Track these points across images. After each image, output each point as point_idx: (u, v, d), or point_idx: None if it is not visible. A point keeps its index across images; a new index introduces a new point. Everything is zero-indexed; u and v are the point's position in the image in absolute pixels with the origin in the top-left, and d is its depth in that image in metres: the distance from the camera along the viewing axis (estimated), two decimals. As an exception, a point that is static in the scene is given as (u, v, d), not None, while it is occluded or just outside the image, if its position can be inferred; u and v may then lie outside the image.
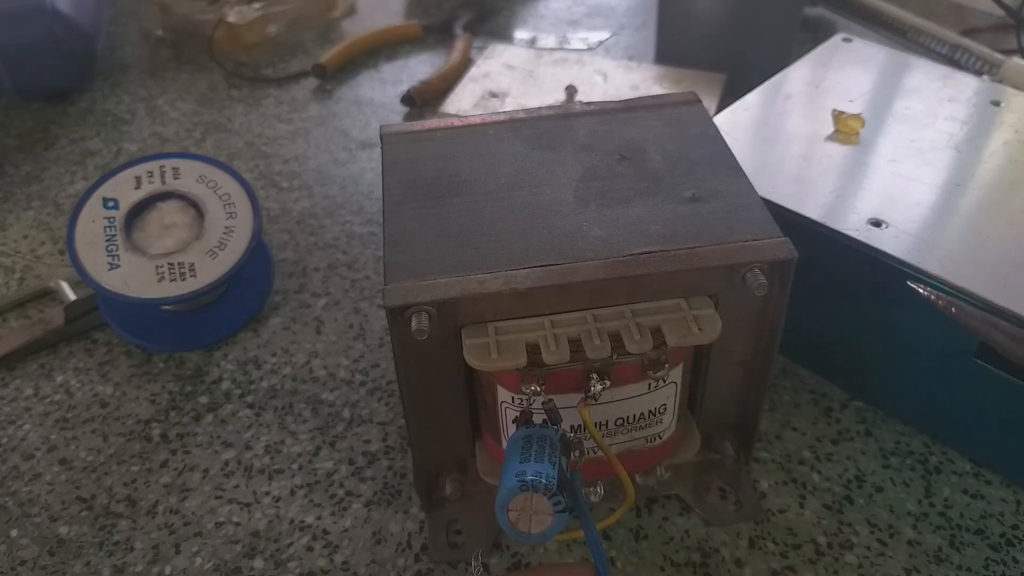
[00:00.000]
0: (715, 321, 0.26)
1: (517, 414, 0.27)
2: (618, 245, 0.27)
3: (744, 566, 0.32)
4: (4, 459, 0.36)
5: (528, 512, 0.23)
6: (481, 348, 0.26)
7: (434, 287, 0.26)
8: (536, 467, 0.23)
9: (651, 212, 0.29)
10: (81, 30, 0.59)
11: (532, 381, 0.26)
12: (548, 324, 0.26)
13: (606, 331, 0.26)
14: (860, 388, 0.38)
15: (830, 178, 0.36)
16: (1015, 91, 0.42)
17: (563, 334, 0.26)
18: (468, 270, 0.26)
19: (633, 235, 0.28)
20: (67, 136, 0.58)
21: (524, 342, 0.26)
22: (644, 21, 0.69)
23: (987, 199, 0.35)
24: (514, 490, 0.23)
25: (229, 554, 0.33)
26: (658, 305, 0.27)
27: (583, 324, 0.26)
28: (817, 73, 0.44)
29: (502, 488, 0.23)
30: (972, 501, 0.34)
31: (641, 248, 0.27)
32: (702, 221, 0.28)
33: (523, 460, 0.24)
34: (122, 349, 0.42)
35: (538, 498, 0.23)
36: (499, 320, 0.26)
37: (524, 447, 0.24)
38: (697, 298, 0.27)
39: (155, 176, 0.42)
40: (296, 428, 0.37)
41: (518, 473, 0.23)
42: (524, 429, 0.26)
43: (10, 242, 0.48)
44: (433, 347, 0.27)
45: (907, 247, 0.33)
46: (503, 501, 0.23)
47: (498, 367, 0.25)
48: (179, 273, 0.39)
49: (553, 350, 0.25)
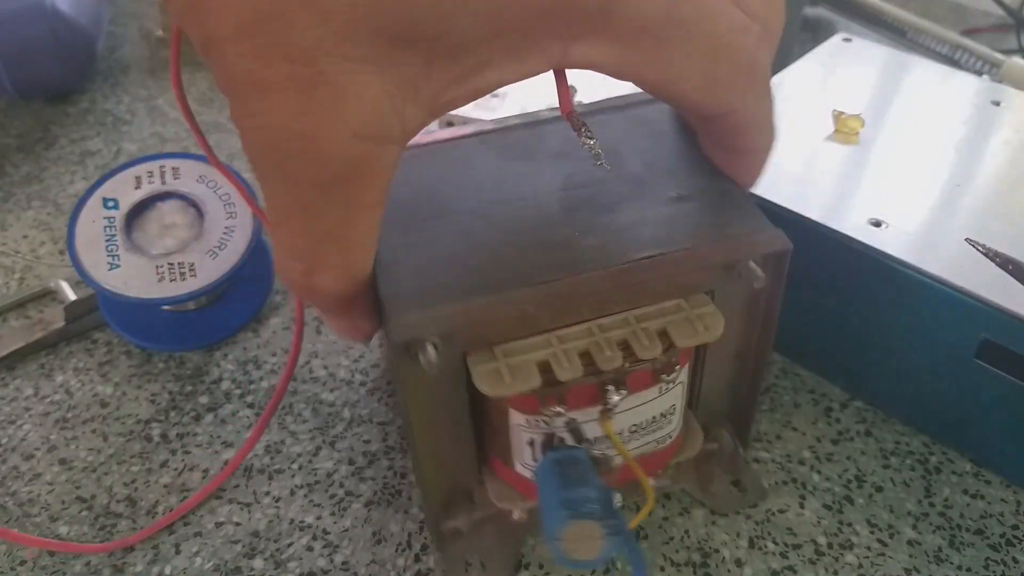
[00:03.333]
0: (718, 318, 0.26)
1: (532, 436, 0.27)
2: (616, 252, 0.27)
3: (744, 566, 0.32)
4: (4, 459, 0.36)
5: (579, 539, 0.23)
6: (492, 374, 0.24)
7: (440, 317, 0.24)
8: (582, 492, 0.23)
9: (640, 215, 0.28)
10: (81, 30, 0.59)
11: (552, 402, 0.25)
12: (555, 341, 0.25)
13: (614, 340, 0.25)
14: (860, 388, 0.38)
15: (830, 178, 0.36)
16: (1015, 91, 0.42)
17: (572, 349, 0.25)
18: (470, 295, 0.25)
19: (628, 241, 0.27)
20: (67, 136, 0.58)
21: (535, 362, 0.25)
22: (644, 21, 0.69)
23: (987, 199, 0.35)
24: (565, 520, 0.22)
25: (229, 554, 0.33)
26: (659, 308, 0.26)
27: (590, 336, 0.25)
28: (817, 73, 0.44)
29: (548, 519, 0.23)
30: (972, 501, 0.34)
31: (640, 253, 0.26)
32: (693, 220, 0.28)
33: (564, 487, 0.23)
34: (122, 349, 0.42)
35: (588, 524, 0.22)
36: (503, 343, 0.25)
37: (560, 473, 0.24)
38: (695, 296, 0.27)
39: (155, 176, 0.42)
40: (296, 428, 0.37)
41: (565, 502, 0.23)
42: (553, 453, 0.25)
43: (10, 242, 0.48)
44: (437, 378, 0.26)
45: (907, 247, 0.33)
46: (553, 533, 0.22)
47: (513, 391, 0.24)
48: (179, 273, 0.39)
49: (566, 367, 0.25)
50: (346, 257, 0.24)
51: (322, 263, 0.24)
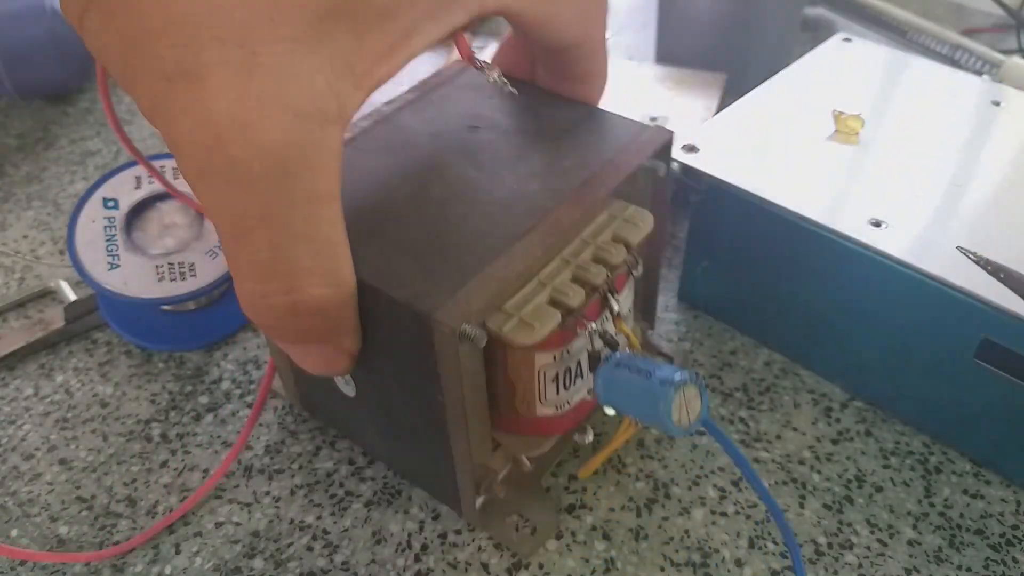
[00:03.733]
0: (644, 212, 0.30)
1: (557, 370, 0.29)
2: (559, 187, 0.29)
3: (744, 566, 0.32)
4: (4, 459, 0.36)
5: (683, 405, 0.25)
6: (521, 327, 0.26)
7: (470, 296, 0.25)
8: (665, 368, 0.25)
9: (550, 155, 0.31)
10: (81, 30, 0.59)
11: (581, 325, 0.28)
12: (545, 281, 0.28)
13: (589, 259, 0.28)
14: (860, 388, 0.38)
15: (830, 178, 0.36)
16: (1015, 91, 0.42)
17: (562, 279, 0.28)
18: (473, 269, 0.26)
19: (559, 176, 0.30)
20: (67, 136, 0.58)
21: (545, 303, 0.27)
22: (644, 21, 0.69)
23: (987, 199, 0.35)
24: (672, 394, 0.24)
25: (229, 554, 0.33)
26: (597, 223, 0.30)
27: (567, 264, 0.28)
28: (817, 73, 0.44)
29: (656, 404, 0.24)
30: (972, 501, 0.34)
31: (578, 181, 0.29)
32: (591, 145, 0.31)
33: (650, 374, 0.25)
34: (122, 349, 0.42)
35: (688, 388, 0.25)
36: (505, 301, 0.27)
37: (631, 367, 0.26)
38: (615, 204, 0.30)
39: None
40: (296, 428, 0.37)
41: (662, 381, 0.25)
42: (609, 362, 0.27)
43: (10, 242, 0.48)
44: (472, 355, 0.27)
45: (907, 247, 0.33)
46: (667, 411, 0.24)
47: (545, 333, 0.26)
48: (179, 273, 0.39)
49: (572, 294, 0.27)
50: (323, 259, 0.23)
51: (300, 271, 0.23)
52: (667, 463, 0.35)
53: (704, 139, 0.38)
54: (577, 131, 0.32)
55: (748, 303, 0.40)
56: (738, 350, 0.40)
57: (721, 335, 0.41)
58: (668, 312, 0.42)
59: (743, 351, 0.40)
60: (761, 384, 0.39)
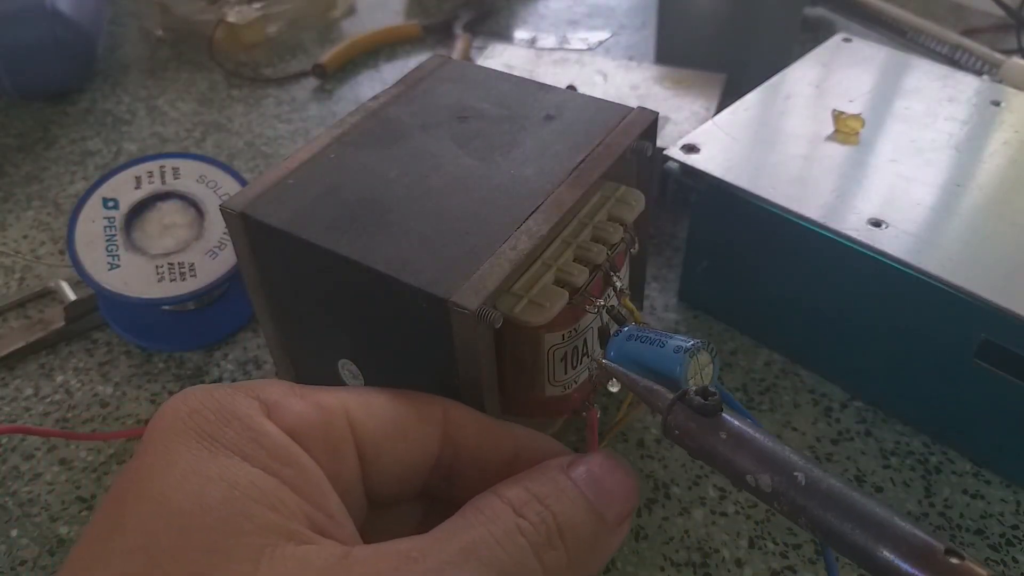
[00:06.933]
0: (637, 192, 0.30)
1: (566, 350, 0.29)
2: (555, 171, 0.30)
3: (744, 566, 0.32)
4: (4, 459, 0.36)
5: (696, 373, 0.25)
6: (532, 307, 0.27)
7: (485, 279, 0.26)
8: (677, 337, 0.25)
9: (540, 140, 0.31)
10: (81, 30, 0.59)
11: (589, 302, 0.28)
12: (549, 263, 0.28)
13: (589, 239, 0.29)
14: (860, 388, 0.38)
15: (830, 178, 0.36)
16: (1015, 91, 0.42)
17: (566, 259, 0.28)
18: (481, 256, 0.26)
19: (552, 160, 0.30)
20: (67, 136, 0.58)
21: (552, 283, 0.27)
22: (644, 21, 0.69)
23: (987, 199, 0.35)
24: (687, 361, 0.25)
25: (229, 554, 0.33)
26: (593, 204, 0.30)
27: (568, 245, 0.29)
28: (817, 73, 0.44)
29: (673, 371, 0.25)
30: (972, 501, 0.34)
31: (572, 163, 0.30)
32: (580, 128, 0.32)
33: (663, 342, 0.26)
34: (122, 349, 0.42)
35: (701, 354, 0.25)
36: (512, 284, 0.27)
37: (642, 339, 0.26)
38: (607, 185, 0.31)
39: (155, 176, 0.42)
40: (296, 428, 0.37)
41: (676, 349, 0.25)
42: (618, 335, 0.27)
43: (10, 242, 0.48)
44: (486, 337, 0.27)
45: (907, 247, 0.33)
46: (684, 376, 0.25)
47: (555, 311, 0.27)
48: (179, 273, 0.39)
49: (577, 273, 0.27)
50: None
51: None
52: (667, 463, 0.35)
53: (704, 139, 0.38)
54: (563, 116, 0.33)
55: (748, 303, 0.40)
56: (738, 350, 0.40)
57: (721, 335, 0.41)
58: (668, 312, 0.42)
59: (743, 351, 0.40)
60: (761, 384, 0.39)
